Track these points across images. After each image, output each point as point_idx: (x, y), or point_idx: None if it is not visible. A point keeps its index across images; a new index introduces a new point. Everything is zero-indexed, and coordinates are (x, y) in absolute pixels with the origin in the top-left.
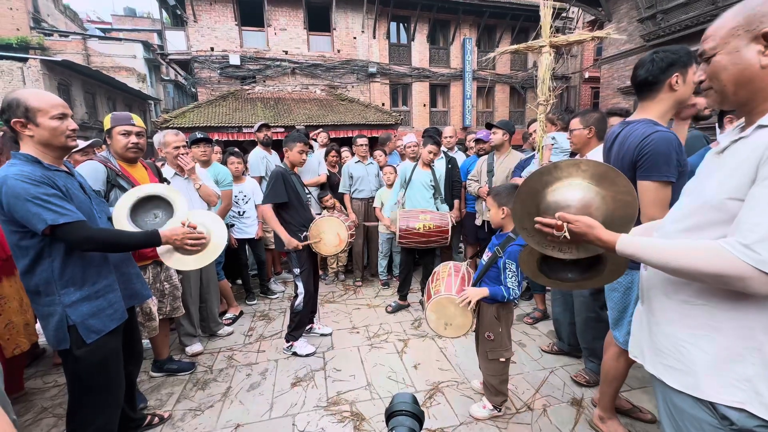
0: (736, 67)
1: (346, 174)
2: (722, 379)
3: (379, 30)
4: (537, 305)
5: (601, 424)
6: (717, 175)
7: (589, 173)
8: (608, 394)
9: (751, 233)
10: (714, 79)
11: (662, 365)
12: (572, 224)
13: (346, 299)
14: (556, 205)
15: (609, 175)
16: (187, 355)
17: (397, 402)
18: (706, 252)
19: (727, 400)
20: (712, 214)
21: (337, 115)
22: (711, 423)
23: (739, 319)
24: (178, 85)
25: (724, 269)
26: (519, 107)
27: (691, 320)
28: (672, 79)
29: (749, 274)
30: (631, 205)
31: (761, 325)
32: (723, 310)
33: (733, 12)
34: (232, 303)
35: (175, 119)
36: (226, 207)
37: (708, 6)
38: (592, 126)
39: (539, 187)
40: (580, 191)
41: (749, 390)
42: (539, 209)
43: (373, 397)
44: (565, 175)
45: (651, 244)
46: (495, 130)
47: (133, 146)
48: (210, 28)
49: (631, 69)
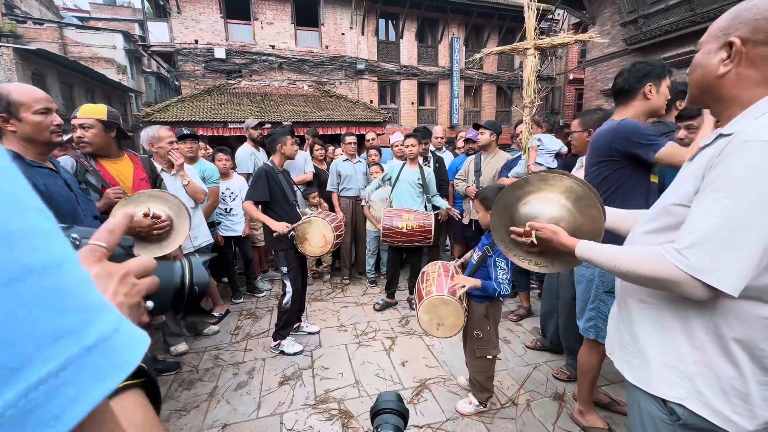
0: (703, 69)
1: (334, 172)
2: (668, 375)
3: (367, 26)
4: (521, 303)
5: (581, 418)
6: (681, 182)
7: (559, 187)
8: (585, 387)
9: (683, 239)
10: (689, 74)
11: (624, 361)
12: (539, 231)
13: (334, 297)
14: (527, 217)
15: (576, 190)
16: (171, 355)
17: (382, 401)
18: (648, 257)
19: (671, 395)
20: (665, 220)
21: (324, 112)
22: (662, 418)
23: (684, 319)
24: (160, 77)
25: (661, 273)
26: (506, 107)
27: (646, 319)
28: (646, 89)
29: (681, 278)
30: (599, 219)
31: (702, 325)
32: (671, 310)
33: (727, 11)
34: (218, 301)
35: (158, 113)
36: (213, 204)
37: (687, 12)
38: (591, 129)
39: (513, 200)
40: (549, 205)
41: (690, 387)
42: (513, 221)
43: (361, 394)
44: (535, 189)
45: (604, 250)
46: (482, 131)
47: (77, 140)
48: (194, 20)
49: (614, 71)
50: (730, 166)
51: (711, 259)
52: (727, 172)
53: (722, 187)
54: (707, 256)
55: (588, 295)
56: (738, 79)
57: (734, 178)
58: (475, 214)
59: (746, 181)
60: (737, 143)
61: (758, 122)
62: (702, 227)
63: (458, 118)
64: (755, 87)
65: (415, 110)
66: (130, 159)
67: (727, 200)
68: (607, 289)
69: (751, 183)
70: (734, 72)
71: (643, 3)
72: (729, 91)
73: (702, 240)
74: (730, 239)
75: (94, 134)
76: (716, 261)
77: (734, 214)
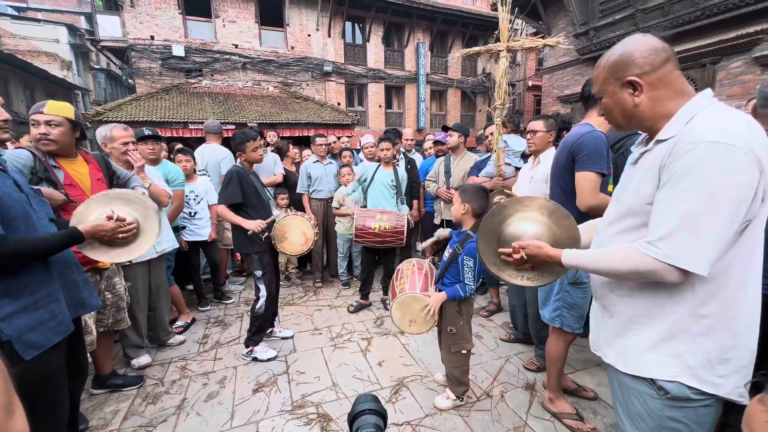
0: (619, 106)
1: (304, 174)
2: (657, 357)
3: (334, 29)
4: (492, 299)
5: (551, 405)
6: (632, 183)
7: (534, 206)
8: (553, 374)
9: (654, 233)
10: (607, 114)
11: (614, 354)
12: (526, 248)
13: (307, 301)
14: (512, 237)
15: (549, 207)
16: (133, 368)
17: (359, 403)
18: (623, 253)
19: (665, 375)
20: (635, 219)
21: (291, 114)
22: (650, 394)
23: (667, 305)
24: (111, 75)
25: (638, 266)
26: (470, 111)
27: (631, 311)
28: None
29: (656, 267)
30: (573, 228)
31: (685, 309)
32: (655, 300)
33: (603, 62)
34: (184, 310)
35: (110, 112)
36: (178, 207)
37: (631, 26)
38: (554, 131)
39: (495, 226)
40: (529, 223)
41: (681, 365)
42: (500, 243)
43: (339, 397)
44: (513, 212)
45: (586, 255)
46: (451, 133)
47: (41, 137)
48: (149, 14)
49: (569, 78)
50: (682, 165)
51: (680, 247)
52: (680, 170)
53: (679, 183)
54: (677, 244)
55: (552, 287)
56: (652, 101)
57: (688, 175)
58: (446, 213)
59: (699, 177)
60: (685, 145)
61: (694, 125)
62: (668, 220)
63: (425, 122)
64: (669, 101)
65: (383, 113)
66: (84, 158)
67: (686, 194)
68: (571, 281)
69: (703, 177)
70: (647, 98)
71: (592, 16)
72: (650, 112)
73: (671, 231)
74: (694, 227)
75: (61, 132)
76: (685, 248)
77: (693, 206)
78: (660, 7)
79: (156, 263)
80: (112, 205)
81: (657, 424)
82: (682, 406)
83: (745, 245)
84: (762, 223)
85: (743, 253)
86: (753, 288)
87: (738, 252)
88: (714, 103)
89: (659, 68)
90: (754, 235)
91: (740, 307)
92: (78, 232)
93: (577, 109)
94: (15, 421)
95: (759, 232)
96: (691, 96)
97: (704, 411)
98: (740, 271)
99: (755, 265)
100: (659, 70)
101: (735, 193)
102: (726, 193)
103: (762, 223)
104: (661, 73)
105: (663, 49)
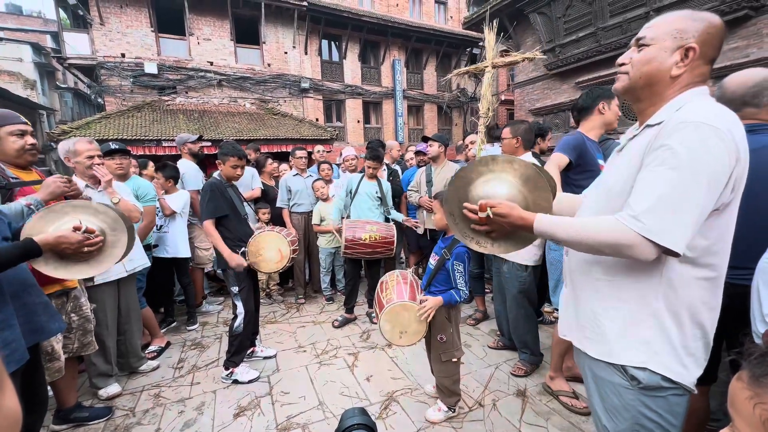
0: (657, 64)
1: (284, 188)
2: (627, 343)
3: (310, 46)
4: (478, 307)
5: (551, 382)
6: (618, 168)
7: (519, 173)
8: (556, 355)
9: (637, 205)
10: (637, 65)
11: (584, 338)
12: (495, 207)
13: (289, 318)
14: (481, 196)
15: (534, 179)
16: (100, 399)
17: (347, 418)
18: (604, 224)
19: (633, 361)
20: (618, 201)
21: (269, 129)
22: (623, 385)
23: (637, 289)
24: (79, 94)
25: (618, 238)
26: (446, 125)
27: (601, 295)
28: (600, 106)
29: (636, 241)
30: (548, 200)
31: (654, 293)
32: (625, 283)
33: (681, 15)
34: (157, 333)
35: (77, 130)
36: (149, 225)
37: (593, 44)
38: (519, 136)
39: (474, 176)
40: (507, 187)
41: (649, 351)
42: (469, 198)
43: (326, 416)
44: (499, 170)
45: (561, 222)
46: (431, 143)
47: (31, 148)
48: (120, 32)
49: (539, 92)
50: (669, 144)
51: (662, 222)
52: (667, 148)
53: (666, 161)
54: (659, 219)
55: (560, 275)
56: (680, 80)
57: (675, 153)
58: (429, 223)
59: (685, 155)
60: (674, 125)
61: (683, 111)
62: (653, 195)
63: (403, 136)
64: (683, 88)
65: (361, 128)
66: (36, 174)
67: (672, 172)
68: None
69: (689, 157)
70: (686, 75)
71: (557, 34)
72: (667, 90)
73: (654, 206)
74: (677, 205)
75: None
76: (666, 223)
77: (676, 184)
78: (618, 25)
79: (125, 283)
80: (76, 215)
81: (632, 415)
82: (654, 396)
83: (713, 234)
84: (732, 214)
85: (711, 241)
86: (719, 278)
87: (707, 238)
88: (705, 96)
89: (713, 57)
90: (723, 224)
91: (705, 296)
92: (34, 244)
93: (549, 121)
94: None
95: (727, 223)
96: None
97: (675, 400)
98: (709, 259)
99: (722, 254)
100: (711, 57)
101: (716, 174)
102: (708, 172)
103: (732, 214)
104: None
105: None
